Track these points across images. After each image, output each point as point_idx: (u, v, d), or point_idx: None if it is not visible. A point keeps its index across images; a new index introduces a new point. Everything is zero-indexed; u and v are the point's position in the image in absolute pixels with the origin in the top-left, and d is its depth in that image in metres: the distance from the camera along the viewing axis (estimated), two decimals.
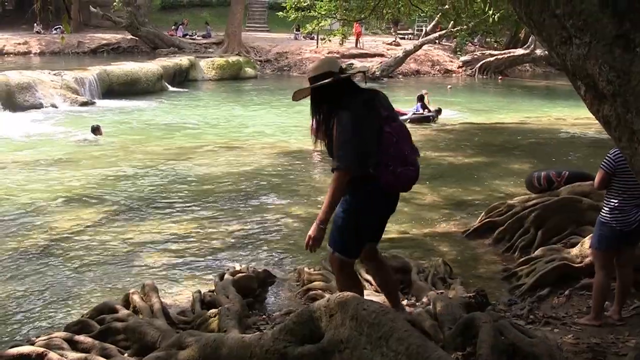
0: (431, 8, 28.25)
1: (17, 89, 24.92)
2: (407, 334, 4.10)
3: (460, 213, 11.91)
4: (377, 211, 5.48)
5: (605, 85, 3.24)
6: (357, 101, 5.25)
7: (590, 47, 3.24)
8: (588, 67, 3.32)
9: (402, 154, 5.24)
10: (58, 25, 44.55)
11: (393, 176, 5.18)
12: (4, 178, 14.31)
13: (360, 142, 5.09)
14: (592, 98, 3.49)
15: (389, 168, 5.16)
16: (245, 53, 41.77)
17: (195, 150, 17.73)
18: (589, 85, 3.44)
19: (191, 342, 5.42)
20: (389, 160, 5.16)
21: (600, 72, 3.22)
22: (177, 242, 10.30)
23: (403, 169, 5.21)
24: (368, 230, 5.56)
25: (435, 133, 21.22)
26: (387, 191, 5.35)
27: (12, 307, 8.12)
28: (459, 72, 43.14)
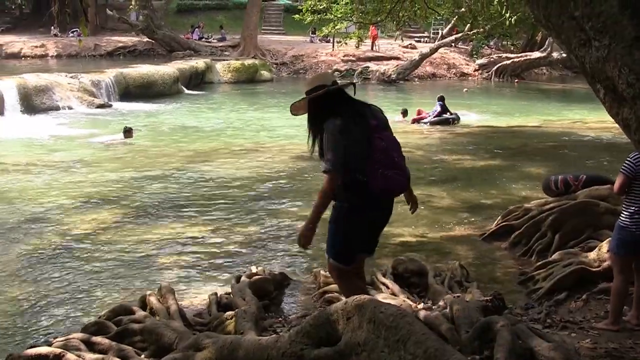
0: (447, 11, 28.23)
1: (35, 92, 25.08)
2: (424, 337, 4.09)
3: (477, 216, 11.86)
4: (367, 217, 5.58)
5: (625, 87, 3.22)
6: (346, 110, 5.46)
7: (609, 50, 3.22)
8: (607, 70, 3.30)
9: (391, 160, 5.43)
10: (75, 28, 44.71)
11: (383, 180, 5.34)
12: (22, 180, 14.40)
13: (347, 147, 5.28)
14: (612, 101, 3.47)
15: (378, 172, 5.32)
16: (261, 56, 41.77)
17: (211, 152, 17.77)
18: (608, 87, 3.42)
19: (208, 344, 5.43)
20: (378, 165, 5.32)
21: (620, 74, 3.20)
22: (193, 244, 10.33)
23: (392, 173, 5.40)
24: (360, 238, 5.67)
25: (452, 136, 21.17)
26: (378, 195, 5.45)
27: (30, 307, 8.16)
28: (475, 75, 43.00)
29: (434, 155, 17.77)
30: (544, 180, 10.94)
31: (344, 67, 40.64)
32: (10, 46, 42.70)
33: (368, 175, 5.34)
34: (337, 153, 5.28)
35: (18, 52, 42.24)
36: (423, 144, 19.61)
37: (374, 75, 39.55)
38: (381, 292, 7.41)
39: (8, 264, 9.55)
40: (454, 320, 5.62)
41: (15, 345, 7.12)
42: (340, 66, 40.70)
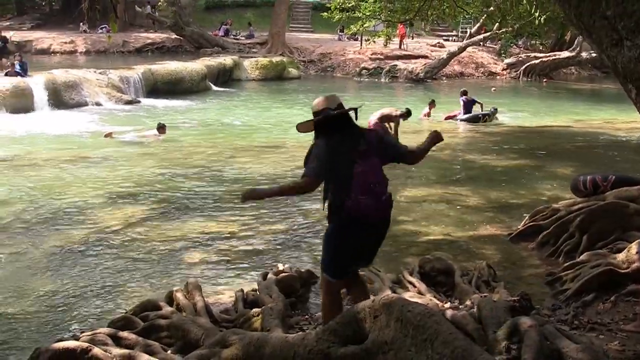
0: (476, 10, 28.11)
1: (64, 88, 25.27)
2: (452, 336, 4.07)
3: (505, 216, 11.80)
4: (351, 237, 5.70)
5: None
6: (338, 134, 5.71)
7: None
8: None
9: (367, 185, 5.65)
10: (104, 24, 45.00)
11: (356, 204, 5.57)
12: (52, 175, 14.51)
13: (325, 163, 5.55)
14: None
15: (352, 196, 5.56)
16: (289, 53, 41.82)
17: (239, 149, 17.81)
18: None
19: (234, 340, 5.44)
20: (355, 189, 5.57)
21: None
22: (220, 241, 10.35)
23: (365, 198, 5.61)
24: (346, 256, 5.80)
25: (480, 135, 21.08)
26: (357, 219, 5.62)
27: (57, 302, 8.22)
28: (503, 74, 42.81)
29: (462, 155, 17.72)
30: (573, 181, 10.86)
31: (372, 65, 40.61)
32: (40, 42, 43.01)
33: (347, 199, 5.58)
34: (317, 164, 5.54)
35: (47, 48, 42.55)
36: (450, 143, 19.51)
37: (401, 73, 39.45)
38: (408, 291, 7.40)
39: (37, 259, 9.63)
40: (481, 320, 5.59)
41: (42, 339, 7.17)
42: (368, 64, 40.68)
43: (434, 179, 14.73)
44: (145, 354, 5.77)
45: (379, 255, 9.46)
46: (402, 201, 12.67)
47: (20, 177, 14.36)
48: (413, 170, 15.62)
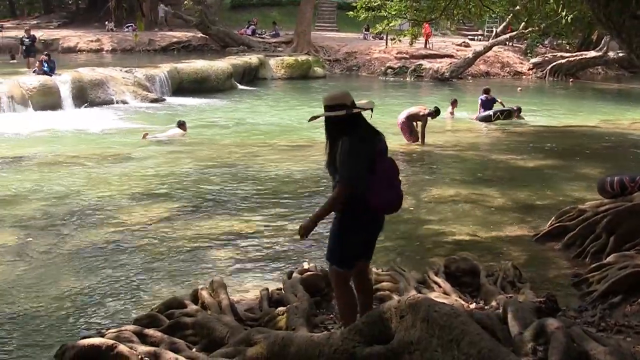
0: (502, 9, 27.97)
1: (90, 86, 25.47)
2: (479, 337, 4.06)
3: (530, 216, 11.73)
4: (363, 229, 5.95)
5: None
6: (358, 131, 5.88)
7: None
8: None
9: (391, 181, 5.94)
10: (130, 23, 45.20)
11: (382, 198, 5.84)
12: (78, 173, 14.60)
13: (357, 164, 5.73)
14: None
15: (379, 191, 5.79)
16: (315, 52, 41.83)
17: (264, 148, 17.83)
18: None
19: (259, 339, 5.45)
20: (380, 184, 5.80)
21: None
22: (245, 239, 10.37)
23: (390, 193, 5.92)
24: (356, 246, 6.01)
25: (505, 135, 20.98)
26: (375, 211, 5.93)
27: (83, 299, 8.26)
28: (529, 74, 42.58)
29: (487, 155, 17.65)
30: (599, 181, 10.78)
31: (397, 64, 40.55)
32: (66, 40, 43.29)
33: (369, 193, 5.75)
34: (348, 169, 5.71)
35: (74, 47, 42.81)
36: (476, 142, 19.49)
37: (427, 73, 39.37)
38: (433, 291, 7.38)
39: (63, 256, 9.69)
40: (507, 321, 5.56)
41: (68, 335, 7.21)
42: (394, 63, 40.62)
43: (459, 179, 14.67)
44: (170, 352, 5.79)
45: (404, 255, 9.51)
46: (428, 201, 12.66)
47: (47, 174, 14.46)
48: (439, 170, 15.61)
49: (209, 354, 5.86)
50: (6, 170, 14.94)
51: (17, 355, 6.90)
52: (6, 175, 14.38)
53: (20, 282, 8.79)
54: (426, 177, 15.06)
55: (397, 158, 15.26)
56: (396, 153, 16.38)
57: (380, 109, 24.35)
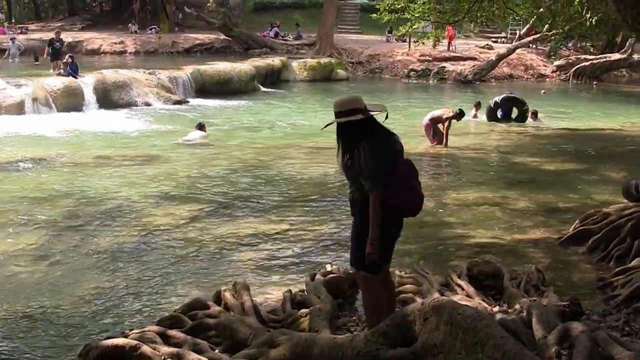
0: (526, 11, 27.86)
1: (113, 87, 25.61)
2: (503, 340, 4.04)
3: (554, 220, 11.68)
4: (387, 232, 5.86)
5: None
6: (375, 135, 5.92)
7: None
8: None
9: (410, 183, 5.88)
10: (153, 25, 45.38)
11: (404, 199, 5.82)
12: (102, 174, 14.68)
13: (380, 168, 5.73)
14: None
15: (401, 192, 5.78)
16: (337, 55, 41.79)
17: (286, 150, 17.85)
18: None
19: (282, 340, 5.46)
20: (401, 186, 5.79)
21: None
22: (268, 241, 10.39)
23: (412, 194, 5.87)
24: (386, 249, 5.96)
25: (529, 138, 20.91)
26: (397, 212, 5.89)
27: (107, 299, 8.31)
28: (553, 76, 42.34)
29: (511, 157, 17.58)
30: (624, 185, 10.71)
31: (420, 67, 40.45)
32: (90, 43, 43.50)
33: (390, 195, 5.73)
34: (376, 173, 5.69)
35: (98, 49, 43.02)
36: (499, 145, 19.41)
37: (450, 75, 39.25)
38: (456, 294, 7.35)
39: (86, 256, 9.75)
40: (531, 325, 5.54)
41: (92, 335, 7.26)
42: (416, 66, 40.53)
43: (482, 182, 14.64)
44: (193, 353, 5.81)
45: (427, 258, 9.48)
46: (451, 204, 12.63)
47: (72, 175, 14.54)
48: (462, 172, 15.58)
49: (231, 355, 5.87)
50: (32, 171, 15.05)
51: (42, 355, 6.95)
52: (32, 176, 14.49)
53: (46, 281, 8.86)
54: (449, 180, 15.03)
55: (420, 160, 15.32)
56: (419, 155, 16.38)
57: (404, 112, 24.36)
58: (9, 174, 14.73)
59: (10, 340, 7.27)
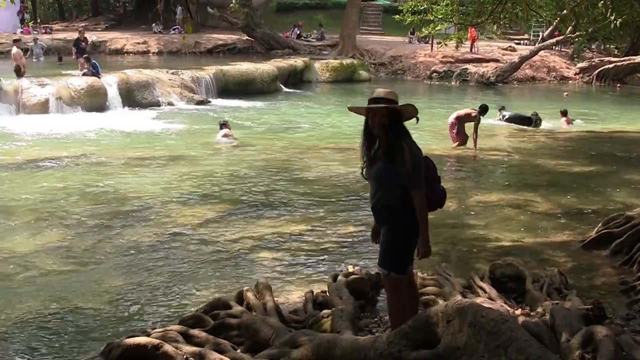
0: (550, 13, 27.72)
1: (136, 87, 25.71)
2: (527, 343, 4.03)
3: (576, 223, 11.63)
4: (412, 232, 5.88)
5: None
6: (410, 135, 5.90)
7: None
8: None
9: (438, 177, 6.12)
10: (176, 25, 45.53)
11: (437, 193, 6.03)
12: (125, 174, 14.77)
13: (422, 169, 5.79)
14: None
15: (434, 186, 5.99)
16: (360, 56, 41.76)
17: (309, 150, 17.87)
18: None
19: (305, 341, 5.47)
20: (432, 180, 5.95)
21: None
22: (290, 241, 10.42)
23: (440, 187, 6.11)
24: (410, 250, 5.97)
25: (551, 140, 20.81)
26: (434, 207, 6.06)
27: (129, 298, 8.36)
28: (576, 79, 42.13)
29: (532, 159, 17.51)
30: None
31: (442, 68, 40.37)
32: (114, 43, 43.70)
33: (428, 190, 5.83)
34: (420, 173, 5.74)
35: (121, 49, 43.21)
36: (521, 147, 19.33)
37: (472, 77, 39.15)
38: (478, 296, 7.34)
39: (109, 255, 9.81)
40: (554, 328, 5.52)
41: (114, 334, 7.31)
42: (439, 67, 40.45)
43: (504, 184, 14.61)
44: (215, 352, 5.84)
45: (449, 260, 9.47)
46: (473, 205, 12.61)
47: (96, 174, 14.64)
48: (484, 174, 15.54)
49: (253, 355, 5.90)
50: (57, 170, 15.14)
51: (65, 352, 7.00)
52: (57, 175, 14.57)
53: (70, 279, 8.93)
54: (471, 182, 14.99)
55: (442, 162, 15.30)
56: (441, 157, 16.36)
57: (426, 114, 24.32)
58: (34, 173, 14.83)
59: (36, 337, 7.34)
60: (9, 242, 10.29)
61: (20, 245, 10.13)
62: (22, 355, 6.93)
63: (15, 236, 10.63)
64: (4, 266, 9.36)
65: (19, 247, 10.08)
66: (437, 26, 25.73)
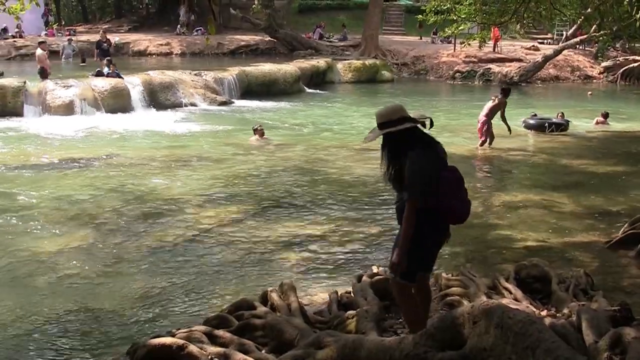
0: (574, 12, 27.58)
1: (160, 88, 25.77)
2: (555, 345, 4.00)
3: (602, 223, 11.56)
4: (433, 240, 5.98)
5: None
6: (422, 143, 5.89)
7: None
8: None
9: (456, 190, 5.89)
10: (199, 27, 45.63)
11: (451, 207, 5.85)
12: (148, 174, 14.81)
13: (427, 178, 5.72)
14: None
15: (448, 200, 5.79)
16: (382, 56, 41.67)
17: (334, 151, 17.87)
18: None
19: (330, 342, 5.45)
20: (448, 194, 5.79)
21: None
22: (314, 242, 10.42)
23: (458, 202, 5.89)
24: (425, 257, 6.02)
25: (576, 141, 20.69)
26: (445, 221, 5.96)
27: (153, 298, 8.40)
28: (600, 78, 41.84)
29: (557, 159, 17.43)
30: None
31: (465, 68, 40.20)
32: (137, 44, 43.83)
33: (439, 203, 5.76)
34: (417, 182, 5.69)
35: (144, 50, 43.32)
36: (545, 147, 19.24)
37: (495, 77, 38.98)
38: (503, 297, 7.30)
39: (134, 255, 9.86)
40: (581, 329, 5.46)
41: (139, 334, 7.36)
42: (462, 67, 40.29)
43: (529, 184, 14.54)
44: (239, 353, 5.83)
45: (474, 260, 9.43)
46: (498, 206, 12.57)
47: (118, 175, 14.70)
48: (509, 175, 15.48)
49: (278, 355, 5.89)
50: (82, 170, 15.21)
51: (90, 351, 7.04)
52: (82, 176, 14.63)
53: (94, 280, 8.98)
54: (495, 182, 14.95)
55: (466, 162, 15.24)
56: (465, 157, 16.32)
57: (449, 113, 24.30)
58: (59, 173, 14.91)
59: (62, 336, 7.42)
60: (35, 242, 10.36)
61: (46, 245, 10.20)
62: (48, 355, 6.99)
63: (40, 236, 10.70)
64: (29, 266, 9.44)
65: (45, 247, 10.15)
66: (460, 26, 25.68)
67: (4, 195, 12.97)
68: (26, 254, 9.87)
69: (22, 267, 9.43)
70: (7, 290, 8.71)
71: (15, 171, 15.03)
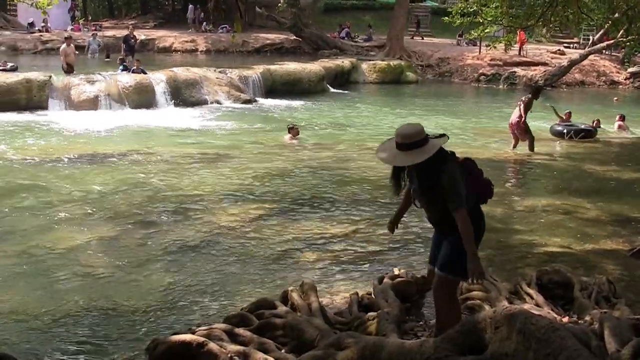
0: (601, 16, 27.43)
1: (184, 85, 25.87)
2: (577, 353, 3.98)
3: (625, 230, 11.47)
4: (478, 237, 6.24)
5: None
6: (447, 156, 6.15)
7: None
8: None
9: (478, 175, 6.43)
10: (224, 24, 45.75)
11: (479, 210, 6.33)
12: (172, 171, 14.84)
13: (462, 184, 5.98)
14: None
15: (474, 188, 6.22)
16: (407, 57, 41.61)
17: (358, 151, 17.86)
18: None
19: (350, 343, 5.44)
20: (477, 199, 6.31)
21: None
22: (336, 242, 10.39)
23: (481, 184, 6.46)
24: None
25: (601, 146, 20.56)
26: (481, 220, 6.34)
27: (174, 296, 8.40)
28: (626, 84, 41.53)
29: (581, 165, 17.33)
30: None
31: (490, 71, 40.04)
32: (162, 41, 44.03)
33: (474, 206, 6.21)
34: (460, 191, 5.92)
35: (169, 47, 43.52)
36: (569, 152, 19.15)
37: (520, 80, 38.81)
38: (525, 303, 7.27)
39: (156, 252, 9.88)
40: (603, 337, 5.43)
41: (159, 330, 7.36)
42: (486, 70, 40.14)
43: (552, 189, 14.46)
44: (259, 352, 5.83)
45: (495, 265, 9.40)
46: (520, 210, 12.51)
47: (142, 171, 14.76)
48: (531, 179, 15.41)
49: (298, 355, 5.88)
50: (105, 166, 15.29)
51: (110, 347, 7.07)
52: (105, 171, 14.70)
53: (114, 275, 9.00)
54: (518, 186, 14.89)
55: (490, 166, 15.16)
56: (487, 160, 16.21)
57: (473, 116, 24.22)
58: (83, 168, 14.99)
59: (83, 332, 7.44)
60: (56, 237, 10.42)
61: (67, 240, 10.24)
62: (67, 350, 7.02)
63: (62, 231, 10.76)
64: (50, 260, 9.49)
65: (66, 241, 10.19)
66: (487, 28, 25.60)
67: (30, 189, 13.06)
68: (49, 248, 9.92)
69: (46, 260, 9.49)
70: (30, 282, 8.76)
71: (40, 165, 15.14)
